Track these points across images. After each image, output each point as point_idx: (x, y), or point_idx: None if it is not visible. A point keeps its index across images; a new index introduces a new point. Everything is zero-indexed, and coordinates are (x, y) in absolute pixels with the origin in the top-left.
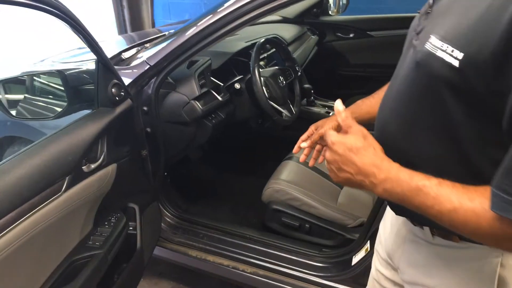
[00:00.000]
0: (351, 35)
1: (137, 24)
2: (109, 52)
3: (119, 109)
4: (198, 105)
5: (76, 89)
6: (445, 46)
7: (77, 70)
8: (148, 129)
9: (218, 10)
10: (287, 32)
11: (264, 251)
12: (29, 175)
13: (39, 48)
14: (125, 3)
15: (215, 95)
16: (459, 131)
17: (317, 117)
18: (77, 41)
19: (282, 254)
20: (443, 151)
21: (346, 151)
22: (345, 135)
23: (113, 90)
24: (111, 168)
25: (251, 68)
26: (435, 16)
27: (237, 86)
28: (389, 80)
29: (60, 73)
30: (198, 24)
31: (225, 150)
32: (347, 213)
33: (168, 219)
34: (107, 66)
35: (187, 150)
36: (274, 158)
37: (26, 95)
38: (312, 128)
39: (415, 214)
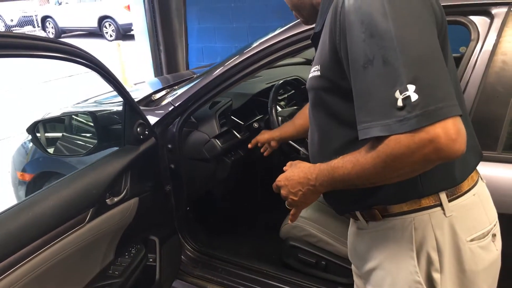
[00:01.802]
0: None
1: (172, 66)
2: (143, 93)
3: (143, 147)
4: (217, 143)
5: (106, 128)
6: (314, 68)
7: (107, 111)
8: (172, 166)
9: (244, 52)
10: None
11: (281, 287)
12: (56, 206)
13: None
14: (162, 48)
15: (235, 134)
16: (345, 118)
17: None
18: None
19: None
20: (344, 139)
21: (287, 179)
22: (283, 173)
23: (138, 129)
24: (133, 201)
25: (268, 108)
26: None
27: (256, 125)
28: None
29: (91, 114)
30: (217, 70)
31: (247, 185)
32: None
33: (188, 253)
34: (133, 108)
35: (208, 185)
36: None
37: (64, 133)
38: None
39: (350, 205)
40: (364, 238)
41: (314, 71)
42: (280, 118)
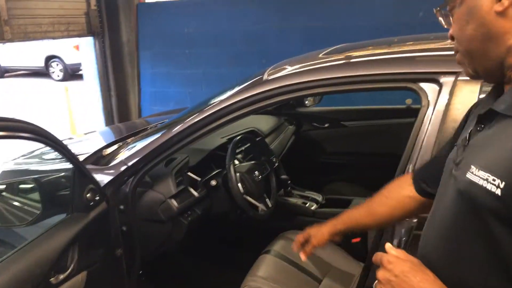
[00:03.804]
0: (326, 125)
1: (124, 112)
2: (93, 145)
3: (93, 214)
4: (174, 203)
5: (52, 195)
6: (486, 175)
7: (54, 176)
8: (124, 228)
9: (204, 109)
10: (265, 123)
11: None
12: None
13: None
14: (113, 92)
15: (191, 192)
16: (509, 260)
17: (294, 208)
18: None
19: None
20: (492, 280)
21: (403, 273)
22: (400, 258)
23: (88, 195)
24: (81, 276)
25: (226, 165)
26: (473, 148)
27: (213, 182)
28: (365, 167)
29: (36, 181)
30: (175, 127)
31: (204, 242)
32: None
33: None
34: (83, 173)
35: (163, 247)
36: (254, 249)
37: (4, 200)
38: (308, 232)
39: None
40: None
41: (488, 182)
42: (238, 174)
